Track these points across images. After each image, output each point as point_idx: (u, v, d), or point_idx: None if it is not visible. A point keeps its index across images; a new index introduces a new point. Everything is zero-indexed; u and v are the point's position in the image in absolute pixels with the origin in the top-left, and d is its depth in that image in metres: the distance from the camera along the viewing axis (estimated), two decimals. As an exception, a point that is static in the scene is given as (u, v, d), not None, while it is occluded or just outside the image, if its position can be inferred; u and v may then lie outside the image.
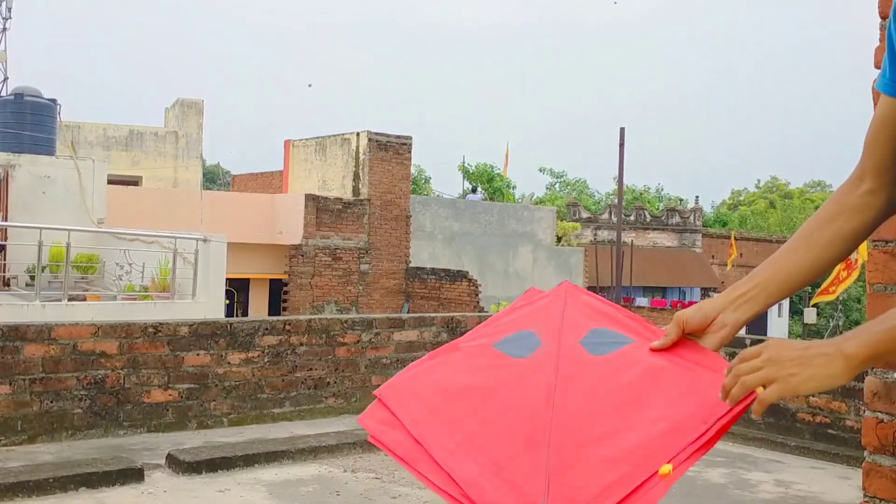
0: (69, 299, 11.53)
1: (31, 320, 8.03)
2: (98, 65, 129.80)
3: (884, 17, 1.60)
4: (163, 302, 12.00)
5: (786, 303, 35.05)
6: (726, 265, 31.75)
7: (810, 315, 32.37)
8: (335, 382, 7.25)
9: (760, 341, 5.37)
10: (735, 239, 33.46)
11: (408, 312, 19.39)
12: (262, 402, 6.85)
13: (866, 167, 1.25)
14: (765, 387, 1.09)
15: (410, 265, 20.91)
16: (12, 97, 16.76)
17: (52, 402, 5.92)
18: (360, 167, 20.65)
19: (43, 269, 12.24)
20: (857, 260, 9.44)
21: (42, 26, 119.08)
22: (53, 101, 17.21)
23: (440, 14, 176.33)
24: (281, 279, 19.83)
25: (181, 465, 5.18)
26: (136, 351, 6.26)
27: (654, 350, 1.25)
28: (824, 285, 11.74)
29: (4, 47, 22.58)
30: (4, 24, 22.36)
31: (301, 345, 7.08)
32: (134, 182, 23.18)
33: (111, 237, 14.04)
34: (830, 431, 6.20)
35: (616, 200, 23.35)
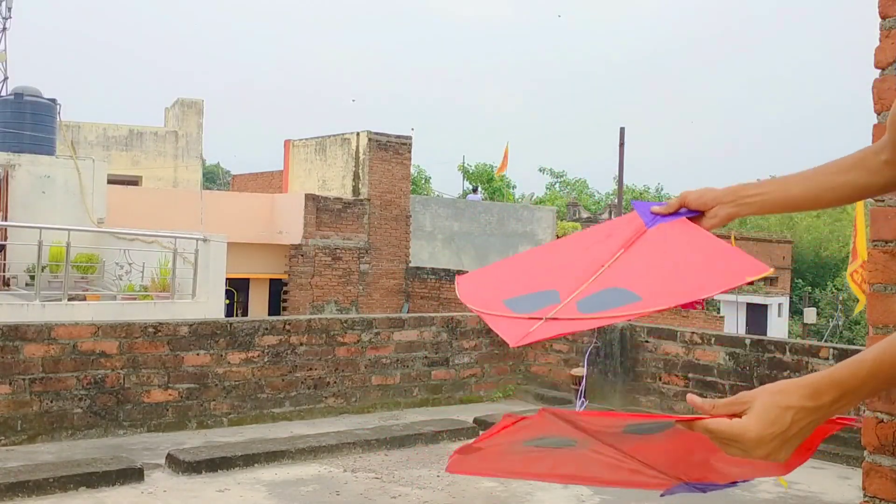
0: (69, 299, 11.52)
1: (31, 320, 8.03)
2: (98, 65, 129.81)
3: (884, 17, 1.60)
4: (163, 302, 11.99)
5: (786, 303, 35.05)
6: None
7: (810, 315, 32.36)
8: (335, 382, 7.25)
9: (760, 341, 5.33)
10: (735, 239, 33.47)
11: (408, 312, 19.39)
12: (262, 402, 6.85)
13: (888, 141, 1.31)
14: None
15: (410, 265, 20.91)
16: (12, 97, 16.76)
17: (52, 401, 5.92)
18: (360, 167, 20.65)
19: (43, 268, 12.24)
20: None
21: (42, 26, 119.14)
22: (53, 100, 17.21)
23: (440, 13, 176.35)
24: (281, 279, 19.83)
25: (181, 465, 5.18)
26: (136, 351, 6.27)
27: (656, 212, 1.42)
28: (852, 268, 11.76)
29: (4, 47, 22.57)
30: (4, 24, 22.36)
31: (301, 345, 7.08)
32: (134, 182, 23.18)
33: (111, 237, 14.04)
34: (830, 431, 6.20)
35: (616, 200, 23.35)
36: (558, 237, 27.81)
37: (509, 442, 1.21)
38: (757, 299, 33.38)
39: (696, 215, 1.38)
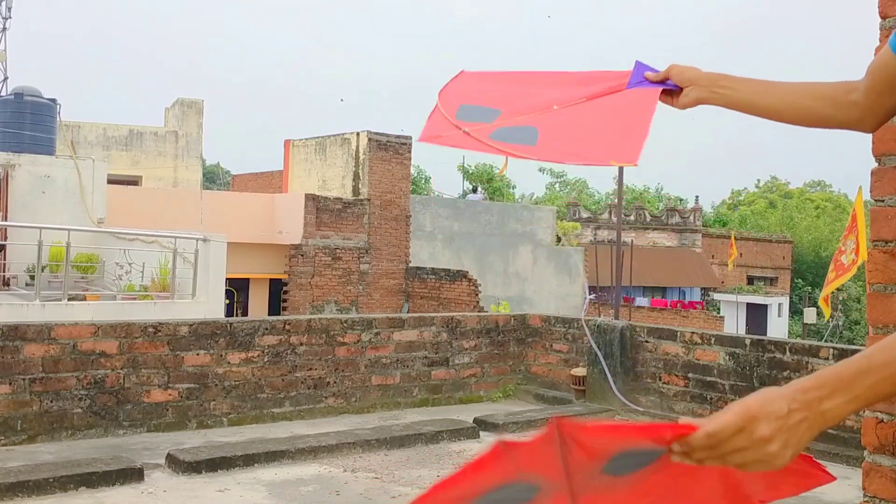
0: (69, 299, 11.52)
1: (31, 320, 8.03)
2: (98, 65, 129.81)
3: (884, 17, 1.60)
4: (163, 302, 11.99)
5: (786, 303, 35.03)
6: (726, 265, 31.75)
7: (810, 315, 32.35)
8: (335, 382, 7.25)
9: (760, 341, 5.33)
10: (735, 239, 33.47)
11: (407, 312, 19.39)
12: (262, 402, 6.85)
13: (862, 85, 1.35)
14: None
15: (410, 265, 20.90)
16: (12, 97, 16.76)
17: (52, 401, 5.92)
18: (360, 167, 20.65)
19: (43, 268, 12.24)
20: (853, 262, 9.41)
21: (42, 26, 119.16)
22: (53, 100, 17.21)
23: (439, 12, 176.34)
24: (281, 279, 19.83)
25: (181, 465, 5.18)
26: (136, 351, 6.26)
27: (647, 77, 1.49)
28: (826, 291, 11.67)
29: (4, 47, 22.58)
30: (4, 24, 22.37)
31: (301, 345, 7.08)
32: (134, 182, 23.18)
33: (111, 237, 14.04)
34: (830, 431, 6.20)
35: (616, 200, 23.35)
36: (558, 237, 27.66)
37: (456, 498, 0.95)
38: (757, 299, 33.39)
39: (677, 90, 1.46)
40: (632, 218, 33.50)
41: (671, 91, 1.49)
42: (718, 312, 30.81)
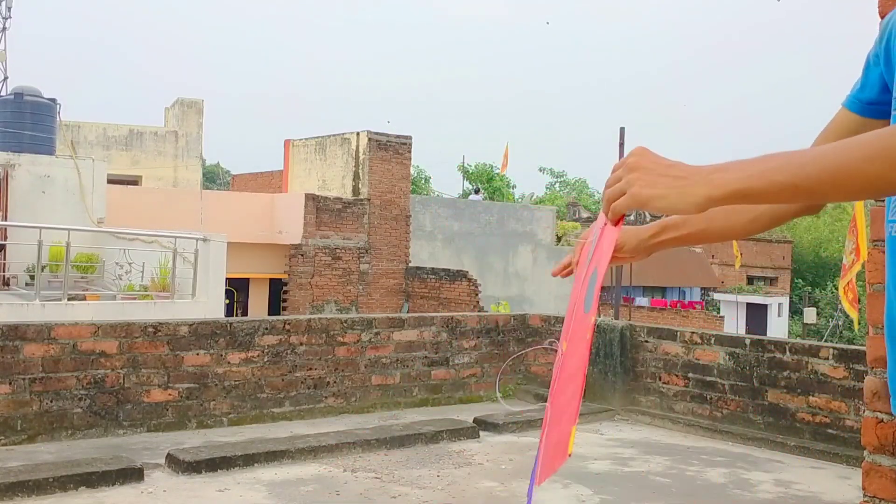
0: (69, 299, 11.52)
1: (31, 320, 8.03)
2: (98, 65, 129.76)
3: (883, 17, 1.60)
4: (163, 302, 11.99)
5: (786, 303, 35.04)
6: (730, 265, 31.72)
7: (810, 315, 32.36)
8: (335, 382, 7.25)
9: (760, 341, 5.34)
10: (736, 240, 33.45)
11: (408, 312, 19.39)
12: (262, 402, 6.85)
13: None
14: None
15: (410, 265, 20.90)
16: (12, 96, 16.76)
17: (51, 401, 5.92)
18: (360, 167, 20.65)
19: (43, 268, 12.24)
20: (854, 262, 9.42)
21: (42, 26, 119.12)
22: (53, 100, 17.21)
23: (440, 13, 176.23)
24: (281, 279, 19.83)
25: (181, 465, 5.18)
26: (135, 350, 6.26)
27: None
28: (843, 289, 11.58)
29: (4, 47, 22.59)
30: (4, 24, 22.38)
31: (301, 344, 7.08)
32: (134, 182, 23.17)
33: (111, 237, 14.04)
34: (830, 431, 6.20)
35: (616, 200, 23.33)
36: (558, 237, 27.64)
37: None
38: (757, 299, 33.38)
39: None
40: (632, 218, 33.36)
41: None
42: (718, 312, 30.79)
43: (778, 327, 32.77)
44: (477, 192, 30.71)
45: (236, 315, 19.06)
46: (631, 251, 1.45)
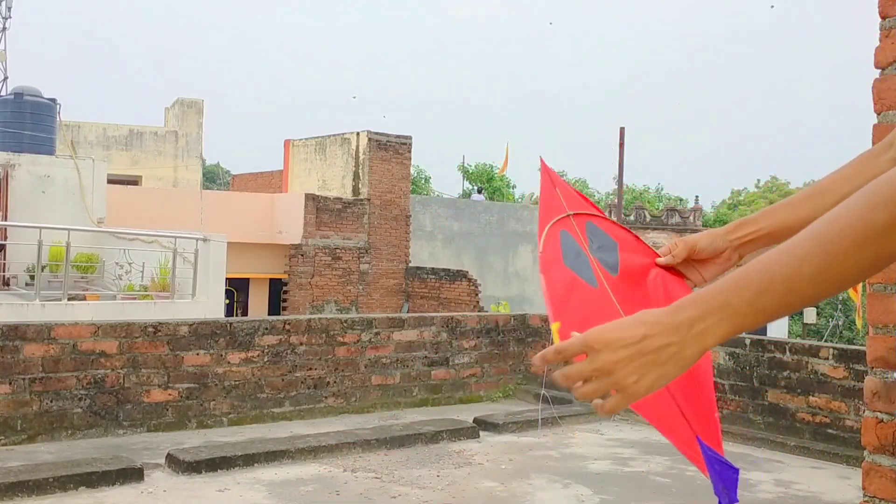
0: (69, 299, 11.53)
1: (31, 320, 8.03)
2: (98, 65, 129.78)
3: (884, 17, 1.60)
4: (163, 301, 12.00)
5: (786, 303, 34.96)
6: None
7: (810, 315, 32.36)
8: (335, 382, 7.25)
9: (760, 341, 5.31)
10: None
11: (408, 312, 19.39)
12: (262, 402, 6.85)
13: (894, 137, 1.25)
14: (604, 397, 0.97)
15: (410, 265, 20.91)
16: (12, 96, 16.77)
17: (51, 401, 5.92)
18: (360, 167, 20.66)
19: (43, 268, 12.25)
20: None
21: (42, 26, 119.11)
22: (53, 100, 17.22)
23: (440, 13, 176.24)
24: (281, 279, 19.83)
25: (181, 465, 5.18)
26: (135, 350, 6.26)
27: (659, 265, 1.37)
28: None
29: (4, 47, 22.59)
30: (4, 24, 22.38)
31: (301, 344, 7.08)
32: (134, 182, 23.18)
33: (111, 237, 14.05)
34: (830, 431, 6.20)
35: (616, 200, 23.34)
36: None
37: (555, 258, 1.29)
38: (757, 299, 33.31)
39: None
40: (632, 218, 33.48)
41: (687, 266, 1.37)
42: (718, 312, 30.75)
43: (778, 327, 32.73)
44: (479, 191, 30.73)
45: (236, 315, 19.07)
46: (711, 252, 1.33)
